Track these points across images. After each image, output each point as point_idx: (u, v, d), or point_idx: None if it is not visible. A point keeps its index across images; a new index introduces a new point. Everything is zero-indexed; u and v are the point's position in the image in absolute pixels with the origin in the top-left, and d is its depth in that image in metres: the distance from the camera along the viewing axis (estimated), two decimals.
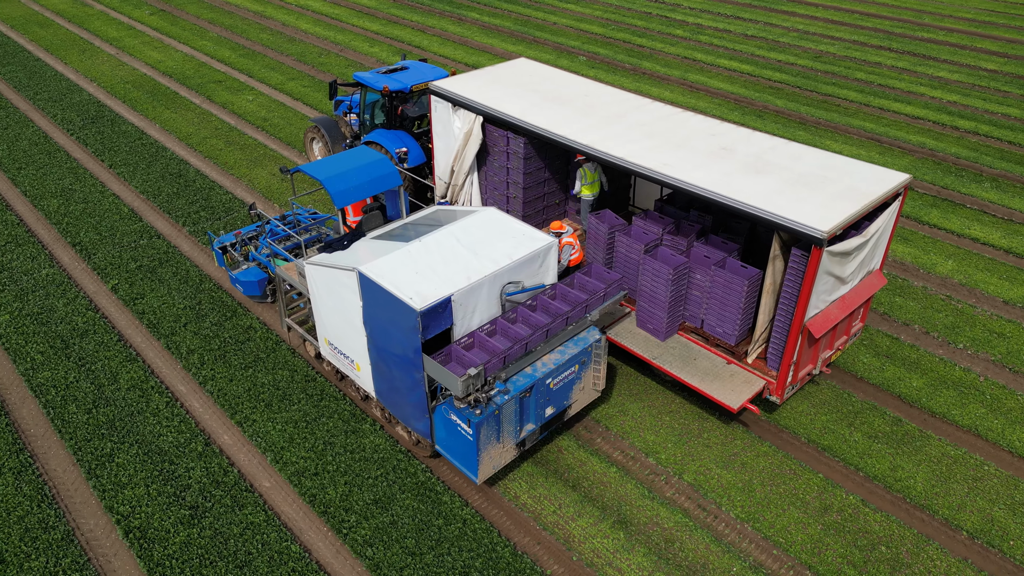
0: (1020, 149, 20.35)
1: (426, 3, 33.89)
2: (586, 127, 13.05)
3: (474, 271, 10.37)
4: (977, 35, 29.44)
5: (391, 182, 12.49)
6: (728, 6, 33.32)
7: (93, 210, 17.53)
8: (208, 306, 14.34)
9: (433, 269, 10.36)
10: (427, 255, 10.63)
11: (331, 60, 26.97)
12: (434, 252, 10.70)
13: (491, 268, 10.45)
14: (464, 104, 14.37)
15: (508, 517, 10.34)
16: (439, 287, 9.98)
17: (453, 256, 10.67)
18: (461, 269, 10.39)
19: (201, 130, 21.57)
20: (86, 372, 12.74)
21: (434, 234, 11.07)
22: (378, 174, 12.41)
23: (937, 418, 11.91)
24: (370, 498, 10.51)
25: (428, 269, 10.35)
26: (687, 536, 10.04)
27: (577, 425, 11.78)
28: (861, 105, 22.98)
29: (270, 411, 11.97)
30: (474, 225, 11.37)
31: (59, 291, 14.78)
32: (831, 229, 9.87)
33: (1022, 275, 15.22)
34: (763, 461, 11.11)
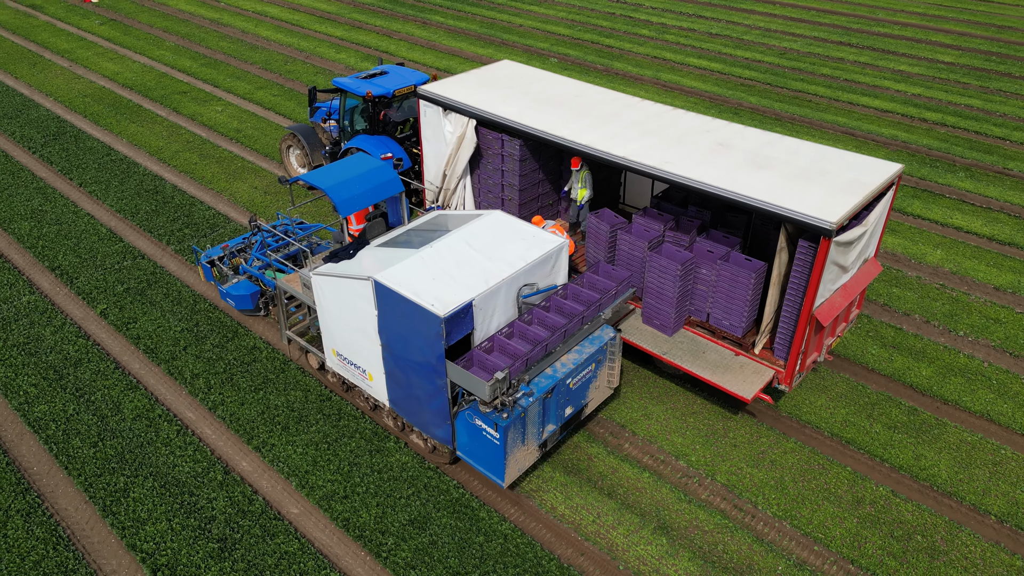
0: (987, 139, 21.07)
1: (387, 7, 33.47)
2: (583, 128, 13.06)
3: (491, 275, 10.35)
4: (930, 29, 30.42)
5: (393, 188, 12.27)
6: (690, 5, 33.75)
7: (68, 231, 16.76)
8: (207, 327, 13.83)
9: (449, 274, 10.28)
10: (441, 261, 10.55)
11: (298, 67, 26.38)
12: (447, 257, 10.62)
13: (508, 271, 10.46)
14: (456, 108, 14.21)
15: (548, 530, 10.20)
16: (459, 292, 9.92)
17: (467, 260, 10.61)
18: (478, 273, 10.35)
19: (172, 144, 20.84)
20: (86, 403, 12.14)
21: (445, 239, 10.99)
22: (380, 181, 12.18)
23: (949, 405, 12.21)
24: (405, 518, 10.25)
25: (444, 275, 10.27)
26: (729, 538, 10.06)
27: (603, 431, 11.72)
28: (831, 100, 23.50)
29: (288, 434, 11.59)
30: (483, 229, 11.32)
31: (44, 319, 14.07)
32: (839, 220, 10.06)
33: (1008, 261, 15.74)
34: (791, 457, 11.22)
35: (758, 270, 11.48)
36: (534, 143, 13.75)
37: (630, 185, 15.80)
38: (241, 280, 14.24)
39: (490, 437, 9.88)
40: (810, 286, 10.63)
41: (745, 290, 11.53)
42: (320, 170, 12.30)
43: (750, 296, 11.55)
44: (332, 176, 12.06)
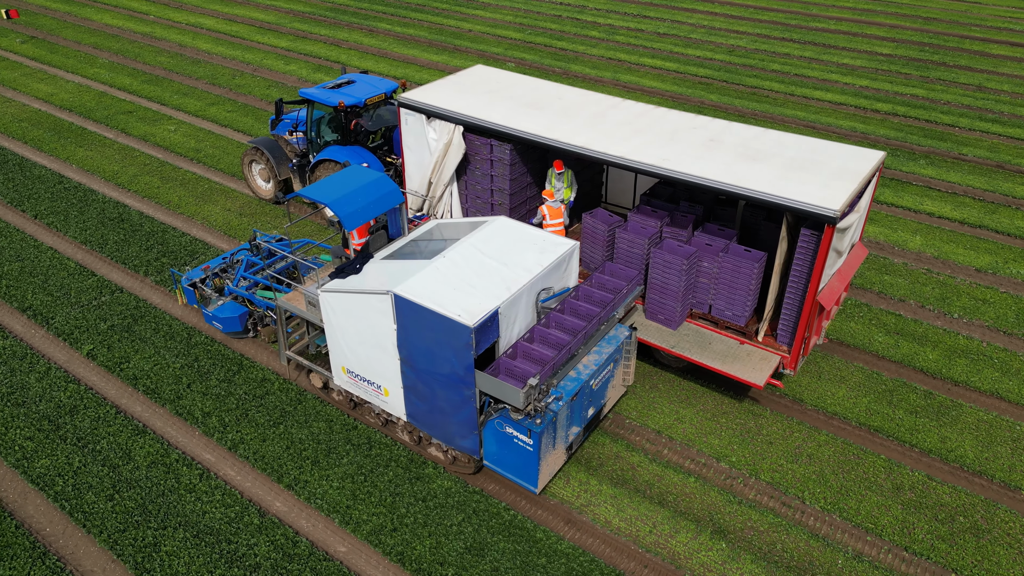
0: (938, 126, 22.08)
1: (329, 15, 32.66)
2: (574, 129, 13.11)
3: (511, 281, 10.33)
4: (863, 22, 31.73)
5: (394, 200, 11.98)
6: (632, 5, 34.20)
7: (33, 268, 15.62)
8: (208, 361, 13.11)
9: (469, 284, 10.18)
10: (456, 270, 10.44)
11: (248, 81, 25.43)
12: (463, 267, 10.52)
13: (526, 277, 10.47)
14: (441, 115, 14.03)
15: (607, 544, 10.08)
16: (483, 301, 9.85)
17: (483, 269, 10.53)
18: (497, 281, 10.31)
19: (127, 168, 19.74)
20: (92, 453, 11.31)
21: (456, 248, 10.88)
22: (382, 193, 11.88)
23: (960, 387, 12.70)
24: (461, 547, 9.95)
25: (464, 284, 10.16)
26: (785, 536, 10.16)
27: (640, 439, 11.67)
28: (786, 95, 24.20)
29: (320, 468, 11.09)
30: (492, 236, 11.28)
31: (25, 365, 13.06)
32: (841, 207, 10.39)
33: (983, 244, 16.51)
34: (826, 450, 11.43)
35: (760, 260, 11.77)
36: (522, 147, 13.77)
37: (612, 184, 15.90)
38: (226, 302, 13.66)
39: (522, 444, 9.83)
40: (814, 272, 10.95)
41: (748, 280, 11.78)
42: (319, 185, 11.88)
43: (753, 286, 11.82)
44: (333, 190, 11.66)
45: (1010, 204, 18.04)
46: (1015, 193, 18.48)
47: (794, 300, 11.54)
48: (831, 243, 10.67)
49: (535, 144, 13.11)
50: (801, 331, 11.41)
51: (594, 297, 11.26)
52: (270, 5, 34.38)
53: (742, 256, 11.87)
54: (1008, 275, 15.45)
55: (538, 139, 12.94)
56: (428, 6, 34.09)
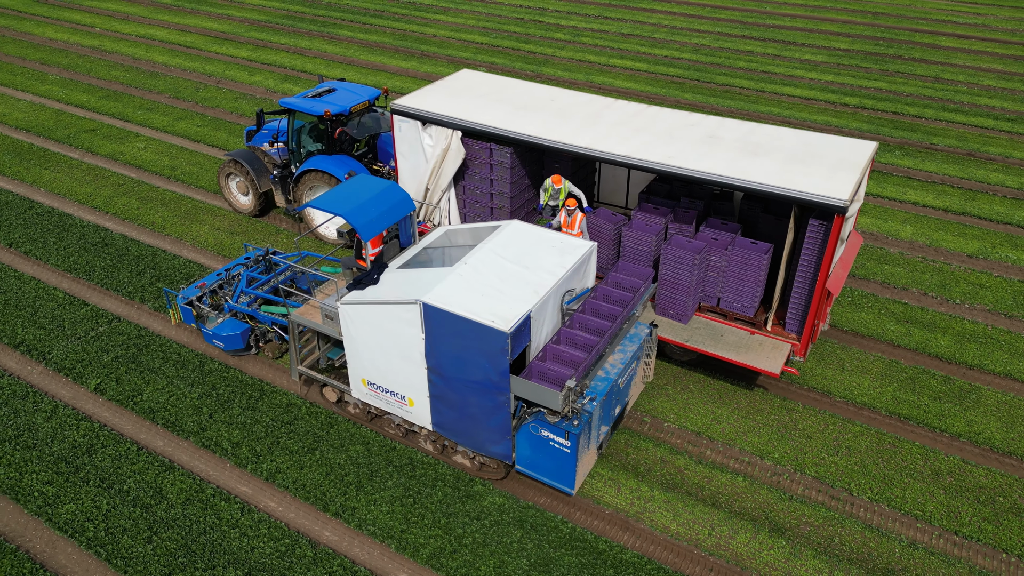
0: (905, 118, 22.86)
1: (287, 23, 31.88)
2: (574, 130, 13.20)
3: (538, 285, 10.35)
4: (816, 19, 32.65)
5: (407, 208, 11.87)
6: (591, 7, 34.41)
7: (18, 300, 14.76)
8: (226, 389, 12.60)
9: (496, 289, 10.16)
10: (480, 276, 10.39)
11: (213, 94, 24.61)
12: (485, 272, 10.48)
13: (552, 280, 10.49)
14: (437, 120, 13.92)
15: (669, 551, 10.07)
16: (513, 306, 9.83)
17: (507, 273, 10.52)
18: (523, 285, 10.31)
19: (101, 189, 18.86)
20: (119, 494, 10.72)
21: (476, 254, 10.84)
22: (394, 201, 11.78)
23: (975, 370, 13.14)
24: (527, 564, 9.78)
25: (491, 290, 10.13)
26: (840, 528, 10.33)
27: (681, 441, 11.71)
28: (758, 92, 24.70)
29: (365, 493, 10.76)
30: (510, 240, 11.28)
31: (28, 404, 12.31)
32: (849, 197, 10.73)
33: (969, 230, 17.15)
34: (862, 441, 11.67)
35: (767, 251, 12.04)
36: (521, 150, 13.78)
37: (604, 183, 15.99)
38: (226, 319, 13.26)
39: (559, 446, 9.84)
40: (824, 260, 11.25)
41: (757, 272, 12.03)
42: (328, 196, 11.66)
43: (761, 277, 12.08)
44: (344, 201, 11.48)
45: (986, 191, 18.79)
46: (988, 180, 19.26)
47: (803, 288, 11.84)
48: (840, 232, 10.98)
49: (540, 147, 13.13)
50: (811, 318, 11.70)
51: (613, 296, 11.35)
52: (222, 14, 33.37)
53: (750, 249, 12.10)
54: (998, 259, 16.08)
55: (543, 142, 12.96)
56: (387, 12, 33.62)
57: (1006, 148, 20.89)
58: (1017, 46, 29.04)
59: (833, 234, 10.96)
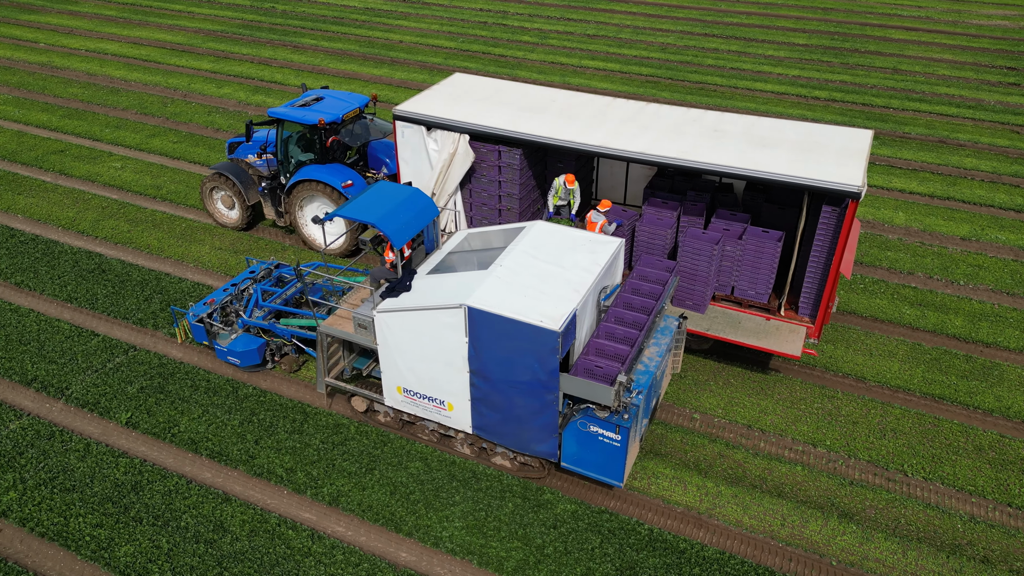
0: (875, 108, 23.77)
1: (244, 33, 31.00)
2: (583, 129, 13.39)
3: (577, 283, 10.47)
4: (770, 15, 33.61)
5: (432, 213, 11.92)
6: (551, 8, 34.59)
7: (21, 335, 13.96)
8: (267, 414, 12.19)
9: (537, 289, 10.26)
10: (518, 277, 10.49)
11: (182, 108, 23.77)
12: (523, 274, 10.58)
13: (589, 278, 10.63)
14: (443, 125, 13.88)
15: (746, 544, 10.23)
16: (557, 305, 9.94)
17: (544, 273, 10.63)
18: (563, 284, 10.43)
19: (84, 213, 18.00)
20: (178, 531, 10.26)
21: (509, 256, 10.92)
22: (420, 207, 11.79)
23: (992, 347, 13.78)
24: (613, 570, 9.79)
25: (532, 290, 10.24)
26: (903, 509, 10.68)
27: (733, 435, 11.91)
28: (732, 88, 25.29)
29: (435, 510, 10.58)
30: (539, 240, 11.39)
31: (56, 445, 11.66)
32: (862, 183, 11.21)
33: (957, 214, 17.96)
34: (905, 423, 12.09)
35: (780, 239, 12.43)
36: (528, 151, 13.89)
37: (602, 180, 16.18)
38: (239, 335, 12.98)
39: (609, 441, 9.96)
40: (839, 245, 11.66)
41: (771, 259, 12.43)
42: (355, 204, 11.58)
43: (775, 264, 12.46)
44: (372, 208, 11.44)
45: (964, 176, 19.70)
46: (963, 165, 20.20)
47: (815, 273, 12.26)
48: (854, 217, 11.43)
49: (554, 147, 13.27)
50: (825, 301, 12.13)
51: (642, 290, 11.54)
52: (174, 25, 32.24)
53: (764, 237, 12.45)
54: (989, 241, 16.90)
55: (556, 142, 13.10)
56: (348, 19, 33.08)
57: (972, 134, 21.95)
58: (961, 36, 30.53)
59: (847, 219, 11.39)
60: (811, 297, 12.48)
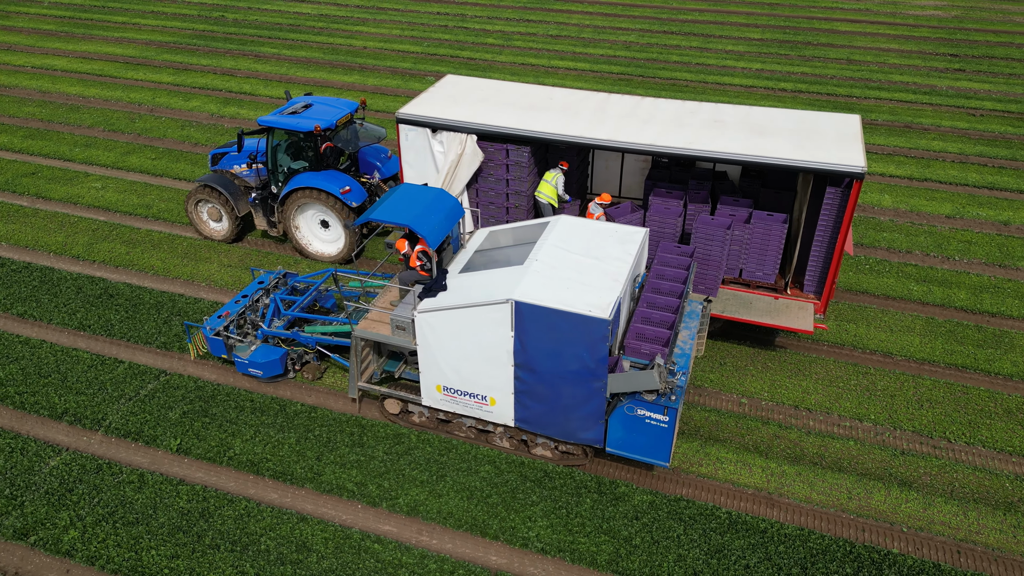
0: (839, 98, 24.85)
1: (199, 43, 30.07)
2: (589, 125, 13.78)
3: (615, 273, 10.80)
4: (721, 11, 34.65)
5: (459, 213, 12.15)
6: (508, 10, 34.76)
7: (38, 367, 13.28)
8: (322, 429, 11.98)
9: (577, 281, 10.57)
10: (556, 271, 10.77)
11: (152, 124, 22.94)
12: (559, 267, 10.87)
13: (625, 268, 10.97)
14: (449, 126, 14.02)
15: (820, 519, 10.65)
16: (601, 294, 10.28)
17: (580, 265, 10.96)
18: (600, 274, 10.75)
19: (75, 237, 17.22)
20: (261, 555, 9.99)
21: (541, 251, 11.19)
22: (448, 207, 11.99)
23: (997, 317, 14.67)
24: (703, 554, 10.05)
25: (571, 282, 10.53)
26: (954, 474, 11.29)
27: (782, 416, 12.35)
28: (703, 83, 26.01)
29: (516, 512, 10.63)
30: (568, 234, 11.70)
31: (108, 478, 11.17)
32: (865, 164, 11.98)
33: (937, 194, 19.00)
34: (937, 393, 12.76)
35: (785, 221, 13.00)
36: (533, 148, 14.15)
37: (597, 174, 16.56)
38: (258, 346, 12.88)
39: (656, 423, 10.29)
40: (843, 225, 12.36)
41: (778, 241, 13.05)
42: (384, 208, 11.69)
43: (781, 246, 13.06)
44: (403, 210, 11.57)
45: (935, 157, 20.85)
46: (932, 148, 21.37)
47: (820, 252, 12.89)
48: (858, 196, 12.10)
49: (563, 143, 13.61)
50: (831, 278, 12.79)
51: (667, 275, 11.95)
52: (122, 37, 31.00)
53: (770, 220, 13.00)
54: (972, 218, 17.96)
55: (565, 138, 13.47)
56: (304, 26, 32.46)
57: (933, 119, 23.23)
58: (902, 27, 32.18)
59: (852, 199, 12.05)
60: (816, 275, 13.10)
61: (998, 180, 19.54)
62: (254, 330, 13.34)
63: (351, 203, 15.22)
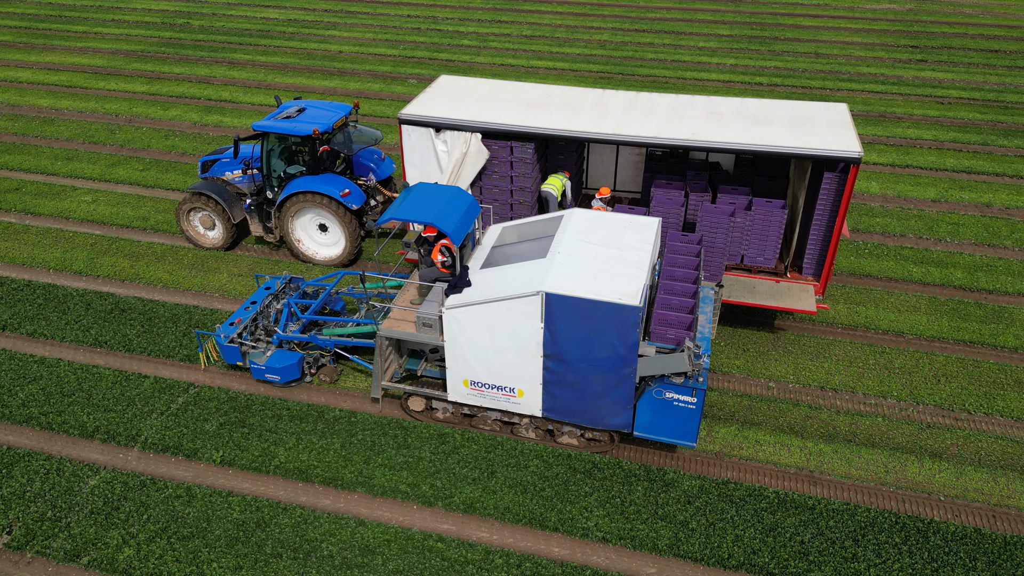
0: (815, 90, 25.64)
1: (167, 51, 29.43)
2: (593, 120, 14.10)
3: (637, 262, 11.09)
4: (688, 9, 35.34)
5: (476, 210, 12.39)
6: (478, 12, 34.87)
7: (60, 387, 12.94)
8: (366, 433, 11.97)
9: (602, 271, 10.85)
10: (579, 262, 11.05)
11: (134, 134, 22.43)
12: (582, 258, 11.15)
13: (646, 256, 11.27)
14: (453, 125, 14.17)
15: (862, 493, 11.09)
16: (628, 282, 10.59)
17: (601, 256, 11.24)
18: (623, 263, 11.04)
19: (74, 252, 16.78)
20: (326, 560, 9.95)
21: (561, 243, 11.42)
22: (466, 205, 12.16)
23: (994, 294, 15.41)
24: (760, 532, 10.38)
25: (597, 272, 10.82)
26: (979, 443, 11.86)
27: (812, 398, 12.78)
28: (681, 79, 26.55)
29: (571, 503, 10.80)
30: (585, 226, 11.98)
31: (155, 494, 10.98)
32: (861, 150, 12.57)
33: (921, 180, 19.81)
34: (952, 368, 13.37)
35: (784, 207, 13.50)
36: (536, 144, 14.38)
37: (592, 169, 16.89)
38: (273, 351, 12.90)
39: (684, 405, 10.64)
40: (841, 208, 12.90)
41: (778, 227, 13.55)
42: (405, 208, 11.86)
43: (781, 232, 13.57)
44: (424, 209, 11.76)
45: (913, 144, 21.72)
46: (908, 135, 22.25)
47: (818, 236, 13.41)
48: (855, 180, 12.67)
49: (569, 139, 13.90)
50: (830, 260, 13.33)
51: (679, 263, 12.31)
52: (86, 47, 30.14)
53: (770, 207, 13.48)
54: (956, 201, 18.79)
55: (571, 134, 13.73)
56: (272, 31, 32.03)
57: (904, 107, 24.17)
58: (861, 20, 33.33)
59: (849, 183, 12.58)
60: (815, 258, 13.62)
61: (974, 164, 20.46)
62: (267, 336, 13.28)
63: (351, 206, 15.23)
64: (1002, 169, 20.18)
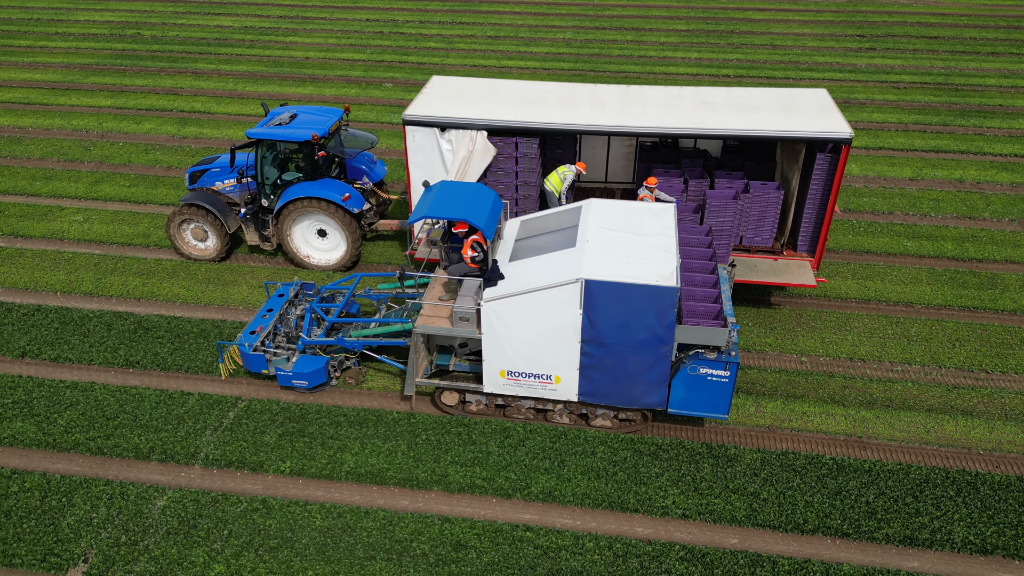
0: (777, 80, 26.72)
1: (125, 63, 28.46)
2: (594, 114, 14.58)
3: (664, 245, 11.60)
4: (642, 6, 36.21)
5: (500, 205, 12.77)
6: (437, 14, 34.90)
7: (102, 410, 12.57)
8: (429, 433, 12.06)
9: (633, 256, 11.32)
10: (609, 249, 11.50)
11: (111, 151, 21.72)
12: (611, 245, 11.60)
13: (671, 240, 11.78)
14: (459, 124, 14.39)
15: (909, 454, 11.83)
16: (661, 266, 11.07)
17: (629, 242, 11.72)
18: (652, 248, 11.53)
19: (75, 274, 16.22)
20: (419, 559, 10.04)
21: (587, 232, 11.82)
22: (491, 200, 12.52)
23: (984, 262, 16.53)
24: (828, 495, 10.96)
25: (629, 257, 11.28)
26: (1003, 399, 12.77)
27: (842, 368, 13.51)
28: (653, 74, 27.26)
29: (645, 484, 11.18)
30: (606, 214, 12.42)
31: (229, 507, 10.82)
32: (851, 131, 13.45)
33: (896, 161, 20.98)
34: (961, 332, 14.32)
35: (779, 188, 14.28)
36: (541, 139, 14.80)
37: (584, 160, 17.34)
38: (297, 357, 12.94)
39: (717, 379, 11.23)
40: (834, 187, 13.71)
41: (775, 207, 14.34)
42: (434, 205, 12.14)
43: (778, 212, 14.36)
44: (454, 206, 12.09)
45: (882, 128, 22.96)
46: (873, 119, 23.50)
47: (813, 213, 14.21)
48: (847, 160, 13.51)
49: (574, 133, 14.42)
50: (823, 237, 14.15)
51: (693, 242, 12.96)
52: (35, 62, 28.87)
53: (766, 189, 14.22)
54: (932, 178, 20.00)
55: (576, 127, 14.19)
56: (230, 39, 31.34)
57: (865, 94, 25.49)
58: (806, 12, 34.84)
59: (841, 162, 13.36)
60: (808, 236, 14.40)
61: (940, 144, 21.78)
62: (289, 342, 13.23)
63: (352, 209, 15.28)
64: (965, 147, 21.56)
